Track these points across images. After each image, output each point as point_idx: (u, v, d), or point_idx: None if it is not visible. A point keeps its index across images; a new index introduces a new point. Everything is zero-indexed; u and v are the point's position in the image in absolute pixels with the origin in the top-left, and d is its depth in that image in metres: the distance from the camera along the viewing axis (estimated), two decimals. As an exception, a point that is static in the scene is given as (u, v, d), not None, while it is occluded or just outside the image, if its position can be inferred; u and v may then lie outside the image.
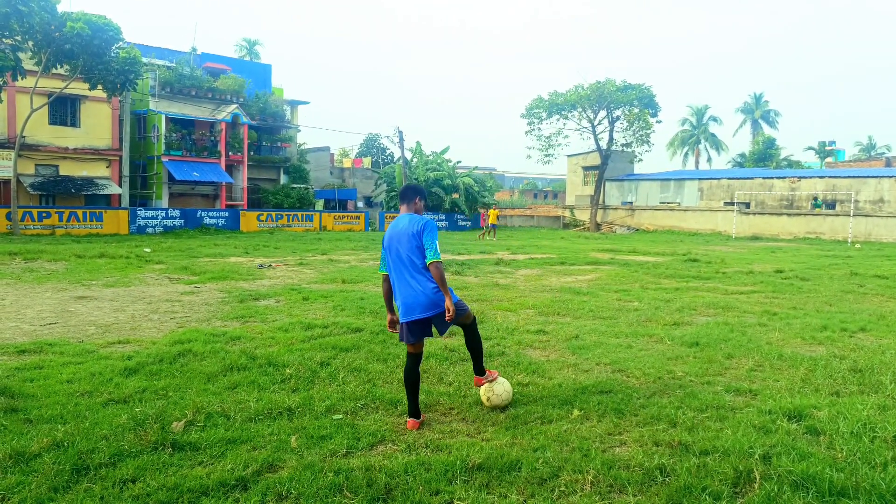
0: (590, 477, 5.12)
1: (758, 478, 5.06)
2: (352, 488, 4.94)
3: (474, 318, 6.93)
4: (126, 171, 44.84)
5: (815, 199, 52.11)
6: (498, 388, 6.81)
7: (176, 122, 47.91)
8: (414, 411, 6.43)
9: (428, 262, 6.29)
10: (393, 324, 6.76)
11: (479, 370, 6.93)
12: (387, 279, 6.67)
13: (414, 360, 6.55)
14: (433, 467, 5.27)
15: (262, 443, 5.77)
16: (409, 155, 59.16)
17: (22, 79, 34.30)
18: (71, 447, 5.48)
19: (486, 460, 5.39)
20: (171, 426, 5.99)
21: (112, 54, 35.76)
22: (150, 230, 39.28)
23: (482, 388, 6.92)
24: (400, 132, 55.98)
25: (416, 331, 6.46)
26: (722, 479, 5.12)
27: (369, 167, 72.76)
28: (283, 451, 5.58)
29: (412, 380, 6.47)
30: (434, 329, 6.59)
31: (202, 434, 5.89)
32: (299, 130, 60.06)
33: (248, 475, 5.12)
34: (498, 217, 49.07)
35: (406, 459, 5.45)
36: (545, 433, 6.09)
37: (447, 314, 6.31)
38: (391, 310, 6.79)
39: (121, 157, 44.45)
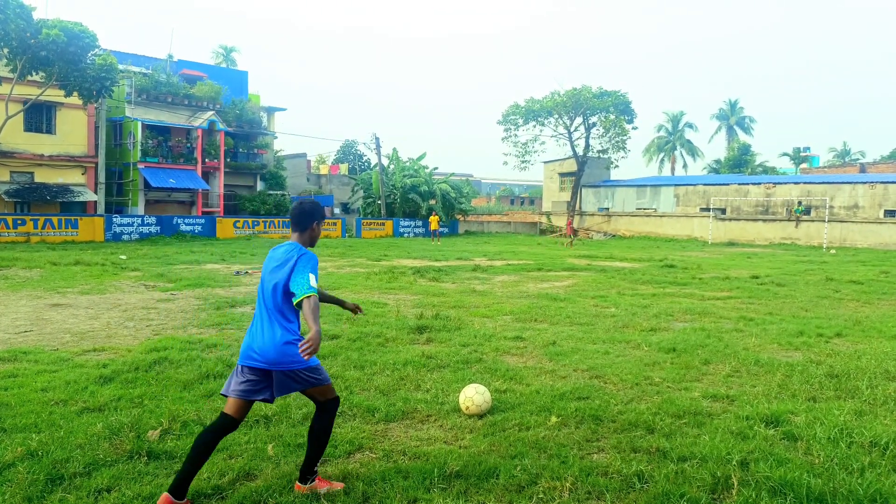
0: (568, 484, 5.12)
1: (736, 484, 5.08)
2: (329, 497, 4.91)
3: (336, 399, 5.19)
4: (102, 178, 44.48)
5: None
6: (478, 399, 6.76)
7: (152, 129, 47.63)
8: (178, 488, 4.73)
9: (297, 299, 4.71)
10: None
11: (310, 470, 5.06)
12: None
13: (223, 421, 4.95)
14: (411, 475, 5.25)
15: (238, 451, 5.73)
16: (385, 161, 59.11)
17: (-3, 86, 34.08)
18: (45, 456, 5.42)
19: (464, 468, 5.38)
20: (146, 435, 5.94)
21: (88, 61, 35.60)
22: (125, 237, 38.93)
23: (462, 396, 6.87)
24: (377, 139, 56.00)
25: (247, 385, 4.89)
26: (700, 485, 5.14)
27: (346, 174, 72.58)
28: (259, 460, 5.54)
29: (204, 444, 4.85)
30: (271, 393, 4.94)
31: (178, 443, 5.84)
32: (276, 137, 59.86)
33: (224, 484, 5.08)
34: (439, 223, 49.94)
35: (383, 467, 5.43)
36: (523, 440, 6.09)
37: (309, 345, 4.46)
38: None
39: (96, 163, 44.12)
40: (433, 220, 48.19)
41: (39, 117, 42.02)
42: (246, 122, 54.42)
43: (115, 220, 39.28)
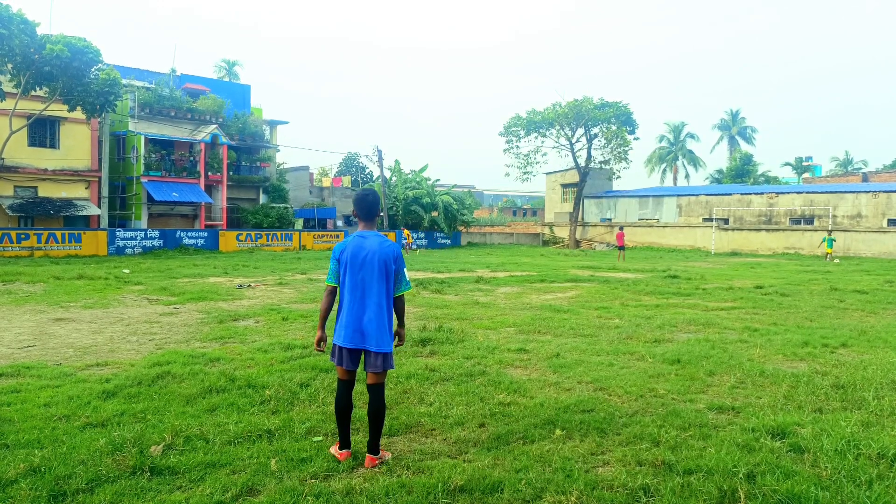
0: (573, 498, 5.08)
1: (742, 497, 5.04)
2: (333, 512, 4.88)
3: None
4: (105, 192, 44.57)
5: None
6: None
7: (155, 143, 47.72)
8: (345, 441, 6.03)
9: (399, 293, 6.10)
10: (321, 341, 6.19)
11: (375, 447, 5.99)
12: (332, 292, 6.14)
13: (346, 387, 6.13)
14: (415, 490, 5.22)
15: (241, 466, 5.70)
16: (388, 173, 59.23)
17: (1, 101, 34.15)
18: (48, 472, 5.40)
19: (469, 482, 5.34)
20: (149, 450, 5.91)
21: (91, 76, 35.77)
22: (129, 251, 38.99)
23: None
24: (379, 151, 56.08)
25: (354, 359, 6.09)
26: (706, 498, 5.10)
27: (349, 186, 72.68)
28: (262, 475, 5.51)
29: (343, 408, 6.05)
30: (363, 362, 6.13)
31: (181, 458, 5.81)
32: (278, 150, 59.94)
33: (227, 500, 5.05)
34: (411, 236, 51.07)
35: (387, 482, 5.40)
36: (527, 454, 6.05)
37: (398, 340, 6.29)
38: (324, 326, 6.22)
39: (100, 178, 44.18)
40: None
41: (43, 132, 42.12)
42: (248, 135, 54.52)
43: (118, 233, 39.34)
